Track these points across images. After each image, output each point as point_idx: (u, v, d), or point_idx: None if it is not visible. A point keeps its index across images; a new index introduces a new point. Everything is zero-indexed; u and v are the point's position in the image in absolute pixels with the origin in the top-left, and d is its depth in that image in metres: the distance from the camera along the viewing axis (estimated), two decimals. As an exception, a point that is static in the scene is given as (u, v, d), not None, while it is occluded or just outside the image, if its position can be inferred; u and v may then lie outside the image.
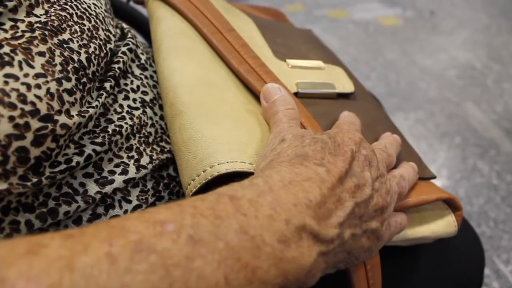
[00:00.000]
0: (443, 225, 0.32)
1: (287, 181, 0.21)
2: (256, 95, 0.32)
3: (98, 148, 0.27)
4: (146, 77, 0.35)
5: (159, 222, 0.17)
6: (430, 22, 1.86)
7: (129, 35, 0.36)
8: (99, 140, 0.28)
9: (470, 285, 0.39)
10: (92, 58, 0.29)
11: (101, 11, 0.33)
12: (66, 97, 0.25)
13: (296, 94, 0.34)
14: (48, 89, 0.24)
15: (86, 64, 0.28)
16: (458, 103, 1.32)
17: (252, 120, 0.30)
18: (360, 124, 0.31)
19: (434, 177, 0.33)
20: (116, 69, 0.31)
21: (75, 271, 0.15)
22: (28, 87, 0.23)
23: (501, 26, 1.81)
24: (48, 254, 0.15)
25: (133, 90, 0.32)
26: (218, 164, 0.25)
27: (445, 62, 1.55)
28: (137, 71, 0.34)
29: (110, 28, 0.33)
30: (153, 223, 0.17)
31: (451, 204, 0.32)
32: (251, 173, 0.26)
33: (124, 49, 0.33)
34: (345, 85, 0.37)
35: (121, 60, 0.32)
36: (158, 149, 0.32)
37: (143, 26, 0.57)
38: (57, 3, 0.28)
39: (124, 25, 0.38)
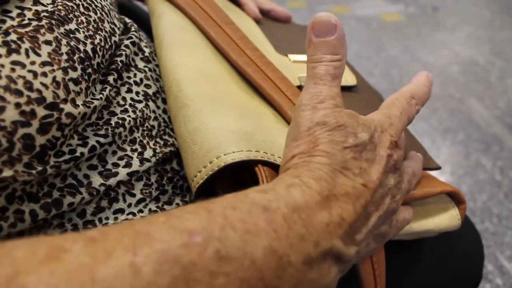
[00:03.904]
0: (447, 219, 0.31)
1: (325, 194, 0.20)
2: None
3: (102, 140, 0.28)
4: (149, 70, 0.35)
5: (187, 231, 0.16)
6: (433, 18, 1.85)
7: (133, 29, 0.36)
8: (102, 132, 0.28)
9: (470, 279, 0.39)
10: (98, 49, 0.29)
11: (107, 4, 0.33)
12: (71, 86, 0.25)
13: (299, 88, 0.34)
14: (54, 78, 0.24)
15: (91, 54, 0.28)
16: (461, 99, 1.32)
17: (257, 110, 0.30)
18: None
19: (439, 168, 0.33)
20: (119, 62, 0.31)
21: (96, 282, 0.14)
22: (35, 74, 0.23)
23: (504, 22, 1.80)
24: (69, 261, 0.14)
25: (136, 83, 0.32)
26: (224, 155, 0.25)
27: (448, 58, 1.54)
28: (140, 64, 0.34)
29: (115, 21, 0.33)
30: (180, 232, 0.16)
31: (455, 198, 0.32)
32: (258, 161, 0.26)
33: (127, 42, 0.33)
34: (348, 78, 0.37)
35: (123, 53, 0.32)
36: (162, 142, 0.32)
37: (144, 22, 0.57)
38: None
39: (127, 19, 0.38)
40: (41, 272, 0.14)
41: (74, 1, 0.29)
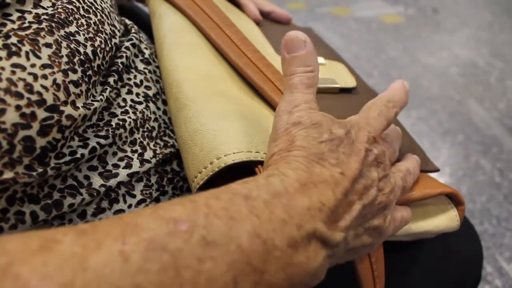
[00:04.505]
0: (446, 220, 0.32)
1: (303, 182, 0.21)
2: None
3: (102, 141, 0.28)
4: (149, 72, 0.35)
5: (172, 220, 0.17)
6: (433, 20, 1.85)
7: (133, 31, 0.36)
8: (102, 133, 0.28)
9: (469, 281, 0.39)
10: (98, 51, 0.29)
11: (107, 6, 0.33)
12: (72, 88, 0.26)
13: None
14: (54, 80, 0.24)
15: (92, 57, 0.28)
16: (461, 101, 1.32)
17: (257, 111, 0.30)
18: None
19: (438, 170, 0.33)
20: (119, 64, 0.31)
21: (88, 270, 0.14)
22: (35, 77, 0.23)
23: (504, 24, 1.80)
24: (61, 251, 0.15)
25: (136, 85, 0.33)
26: (225, 156, 0.25)
27: (448, 59, 1.55)
28: (140, 66, 0.34)
29: (115, 23, 0.33)
30: (166, 221, 0.17)
31: (454, 199, 0.32)
32: (258, 162, 0.26)
33: (127, 44, 0.33)
34: (347, 80, 0.37)
35: (124, 55, 0.32)
36: (162, 143, 0.32)
37: (145, 23, 0.57)
38: None
39: (127, 21, 0.38)
40: (34, 262, 0.14)
41: (74, 4, 0.29)
